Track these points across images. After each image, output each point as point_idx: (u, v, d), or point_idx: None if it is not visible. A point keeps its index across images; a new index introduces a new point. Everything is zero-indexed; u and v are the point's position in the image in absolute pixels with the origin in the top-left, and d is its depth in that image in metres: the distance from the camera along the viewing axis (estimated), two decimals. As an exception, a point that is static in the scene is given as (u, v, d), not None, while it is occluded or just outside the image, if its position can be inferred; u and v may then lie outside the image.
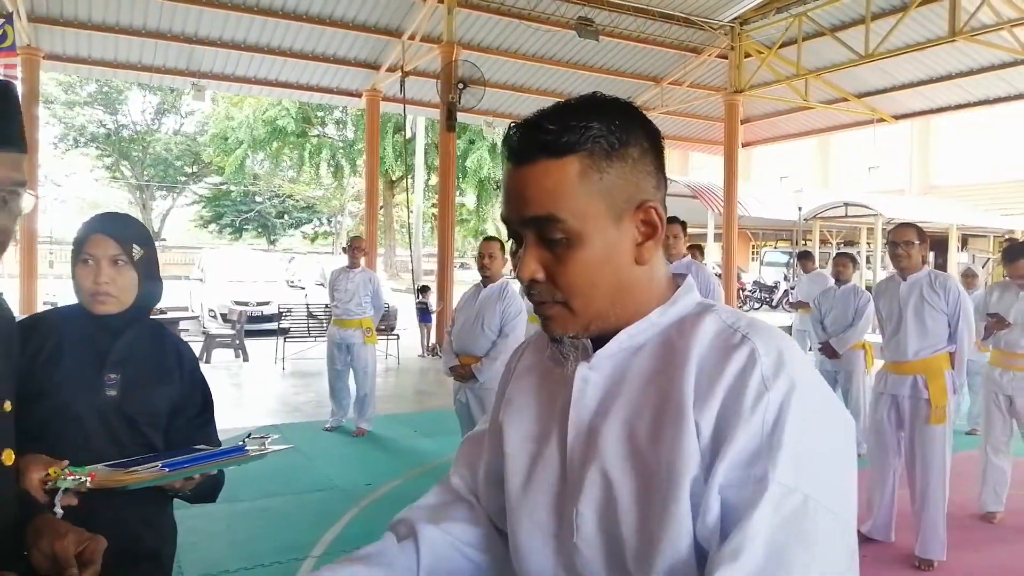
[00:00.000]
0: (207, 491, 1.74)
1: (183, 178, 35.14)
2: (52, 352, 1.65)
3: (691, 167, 30.98)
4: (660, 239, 0.86)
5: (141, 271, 1.70)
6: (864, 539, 4.08)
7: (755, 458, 0.74)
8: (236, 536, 4.00)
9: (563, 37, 12.36)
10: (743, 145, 15.83)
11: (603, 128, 0.82)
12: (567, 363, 0.89)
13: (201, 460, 1.57)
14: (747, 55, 13.12)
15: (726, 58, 13.40)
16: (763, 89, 13.48)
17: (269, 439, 1.65)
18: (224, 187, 33.95)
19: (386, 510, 0.83)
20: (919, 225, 4.08)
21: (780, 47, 12.38)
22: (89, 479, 1.34)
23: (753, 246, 29.36)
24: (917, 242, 3.88)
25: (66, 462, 1.36)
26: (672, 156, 31.07)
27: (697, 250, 8.01)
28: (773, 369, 0.77)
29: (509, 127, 0.86)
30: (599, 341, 0.88)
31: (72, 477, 1.30)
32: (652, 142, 0.86)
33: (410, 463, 5.60)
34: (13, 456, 1.07)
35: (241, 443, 1.68)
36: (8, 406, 1.09)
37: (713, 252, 18.85)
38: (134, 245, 1.68)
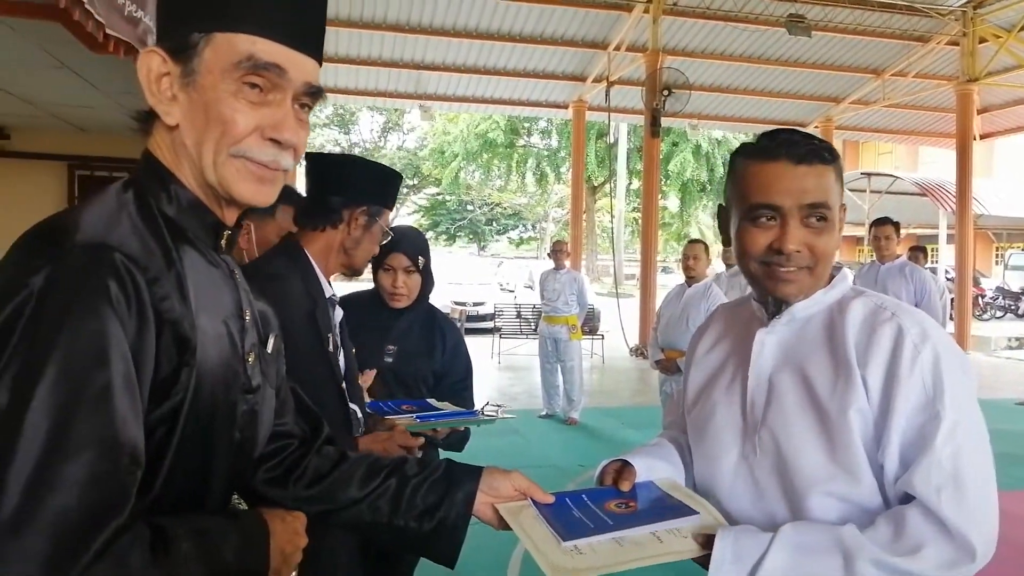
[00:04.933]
0: (456, 442, 2.27)
1: (405, 190, 38.35)
2: (356, 325, 2.27)
3: (921, 162, 28.33)
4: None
5: (424, 275, 2.29)
6: None
7: (926, 404, 1.07)
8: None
9: (772, 35, 12.11)
10: (981, 137, 14.40)
11: (837, 155, 1.20)
12: (763, 321, 1.24)
13: (444, 416, 2.09)
14: (982, 40, 11.99)
15: (957, 45, 12.34)
16: (1003, 76, 12.23)
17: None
18: (440, 197, 36.53)
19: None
20: None
21: (1021, 30, 11.20)
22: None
23: (997, 248, 26.24)
24: None
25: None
26: (898, 151, 28.62)
27: (920, 252, 7.59)
28: (920, 338, 1.10)
29: (769, 133, 1.19)
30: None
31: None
32: None
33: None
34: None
35: (478, 410, 2.21)
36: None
37: (946, 255, 17.27)
38: (419, 257, 2.27)
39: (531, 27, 12.14)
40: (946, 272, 15.86)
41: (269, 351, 1.09)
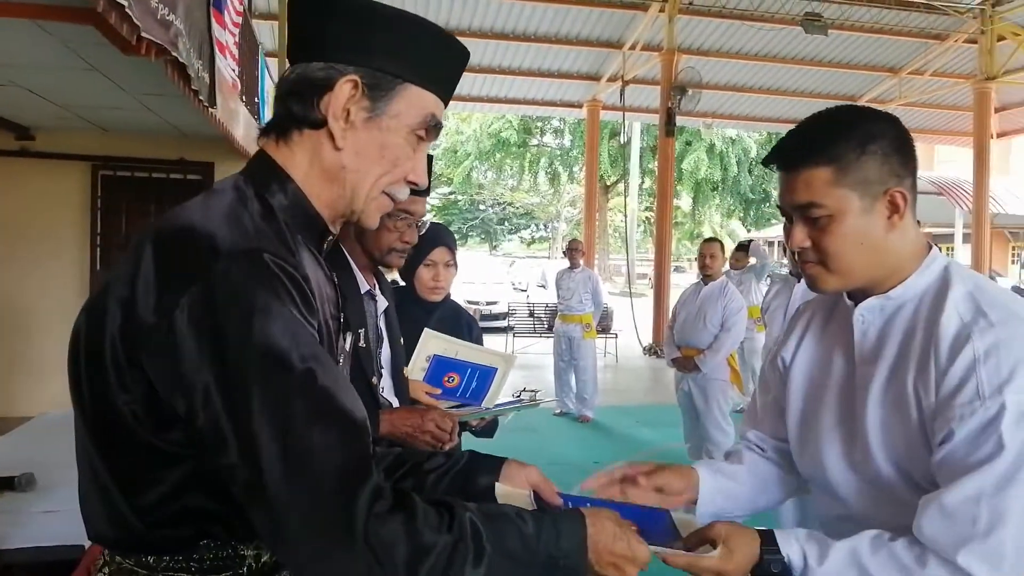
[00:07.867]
0: (486, 430, 2.31)
1: (417, 189, 38.41)
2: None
3: (937, 161, 28.11)
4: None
5: (455, 268, 2.35)
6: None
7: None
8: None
9: (788, 34, 12.07)
10: (997, 136, 14.33)
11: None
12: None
13: (492, 408, 2.13)
14: (1000, 38, 11.91)
15: (975, 43, 12.26)
16: (1020, 74, 12.13)
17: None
18: (452, 196, 36.62)
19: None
20: None
21: (1042, 26, 11.12)
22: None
23: (1013, 248, 26.01)
24: None
25: None
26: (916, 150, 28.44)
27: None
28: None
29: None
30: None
31: None
32: None
33: (633, 447, 6.05)
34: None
35: (515, 396, 2.23)
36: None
37: (962, 254, 17.13)
38: (455, 251, 2.33)
39: (546, 27, 12.16)
40: (962, 272, 15.72)
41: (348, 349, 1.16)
